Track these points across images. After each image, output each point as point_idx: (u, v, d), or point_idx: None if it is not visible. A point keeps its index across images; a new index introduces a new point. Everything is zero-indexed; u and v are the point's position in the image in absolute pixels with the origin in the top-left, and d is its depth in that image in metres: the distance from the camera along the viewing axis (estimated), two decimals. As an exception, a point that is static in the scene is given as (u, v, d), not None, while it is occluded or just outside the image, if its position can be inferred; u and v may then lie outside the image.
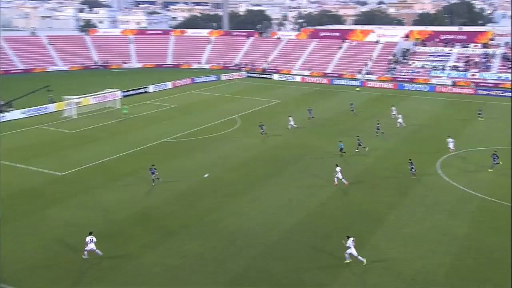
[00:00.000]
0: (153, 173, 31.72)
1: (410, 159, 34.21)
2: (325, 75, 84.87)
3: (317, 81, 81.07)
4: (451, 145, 38.86)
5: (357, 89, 74.00)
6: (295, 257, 22.94)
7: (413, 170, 33.37)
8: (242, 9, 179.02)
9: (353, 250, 22.20)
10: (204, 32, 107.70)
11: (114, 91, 59.75)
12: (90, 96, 57.89)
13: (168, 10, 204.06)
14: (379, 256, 23.11)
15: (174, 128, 47.29)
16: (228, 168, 35.72)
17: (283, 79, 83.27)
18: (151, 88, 69.71)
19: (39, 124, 48.89)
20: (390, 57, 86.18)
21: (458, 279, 21.39)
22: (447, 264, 22.47)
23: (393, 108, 52.42)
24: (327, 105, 60.88)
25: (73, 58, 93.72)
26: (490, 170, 34.63)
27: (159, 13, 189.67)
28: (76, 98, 54.07)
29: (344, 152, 38.01)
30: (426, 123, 50.43)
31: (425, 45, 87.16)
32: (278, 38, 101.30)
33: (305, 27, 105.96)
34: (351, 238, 22.45)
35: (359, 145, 39.35)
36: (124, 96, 63.09)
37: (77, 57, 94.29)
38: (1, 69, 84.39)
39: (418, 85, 74.68)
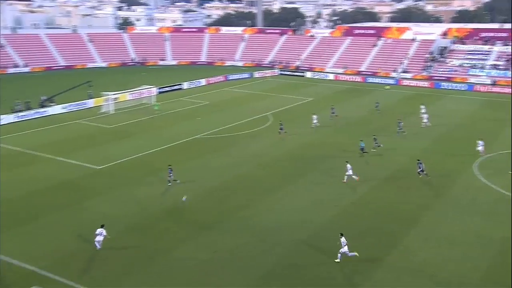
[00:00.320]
0: (170, 174, 31.24)
1: (418, 160, 33.24)
2: (358, 73, 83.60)
3: (351, 79, 79.97)
4: (480, 148, 37.40)
5: (387, 87, 72.68)
6: (326, 256, 22.76)
7: (421, 171, 32.30)
8: (276, 6, 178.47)
9: (345, 248, 21.98)
10: (238, 29, 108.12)
11: (150, 88, 60.88)
12: (127, 92, 59.20)
13: (203, 8, 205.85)
14: (411, 258, 22.64)
15: (207, 124, 47.73)
16: (259, 165, 35.77)
17: (316, 77, 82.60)
18: (185, 85, 70.61)
19: (78, 119, 50.42)
20: (427, 55, 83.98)
21: (493, 284, 20.68)
22: (483, 268, 21.77)
23: (422, 106, 51.13)
24: (359, 103, 59.96)
25: (111, 55, 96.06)
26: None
27: (194, 11, 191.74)
28: (113, 94, 55.41)
29: (365, 152, 37.36)
30: (462, 122, 48.91)
31: (463, 43, 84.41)
32: (312, 36, 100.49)
33: (339, 25, 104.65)
34: (343, 238, 22.23)
35: (376, 144, 38.58)
36: (160, 92, 64.14)
37: (115, 54, 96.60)
38: (44, 65, 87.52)
39: (455, 84, 72.48)
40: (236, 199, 29.43)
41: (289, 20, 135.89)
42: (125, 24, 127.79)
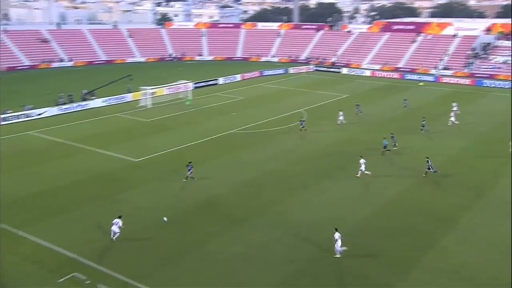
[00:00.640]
0: (189, 170, 31.18)
1: (427, 157, 32.24)
2: (396, 69, 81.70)
3: (388, 76, 78.26)
4: None
5: (421, 83, 70.87)
6: (359, 254, 22.44)
7: (430, 169, 31.45)
8: (312, 2, 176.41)
9: (338, 243, 21.87)
10: (274, 25, 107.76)
11: (186, 83, 61.66)
12: (164, 87, 60.22)
13: (240, 4, 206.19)
14: (448, 259, 22.00)
15: (241, 120, 47.92)
16: (293, 161, 35.63)
17: (352, 73, 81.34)
18: (221, 80, 71.09)
19: (117, 112, 51.73)
20: (469, 52, 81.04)
21: (536, 291, 19.80)
22: (524, 274, 20.87)
23: (454, 104, 49.53)
24: (394, 100, 58.60)
25: (149, 50, 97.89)
26: None
27: (231, 7, 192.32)
28: (151, 89, 56.48)
29: (388, 150, 36.56)
30: (505, 121, 46.90)
31: (508, 39, 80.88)
32: (349, 32, 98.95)
33: (377, 20, 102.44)
34: (338, 233, 22.14)
35: (394, 144, 37.50)
36: (196, 87, 64.87)
37: (153, 49, 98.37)
38: (86, 60, 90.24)
39: (498, 82, 69.64)
40: (268, 194, 29.43)
41: (326, 15, 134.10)
42: (164, 20, 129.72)
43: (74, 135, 42.69)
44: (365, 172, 31.63)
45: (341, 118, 45.83)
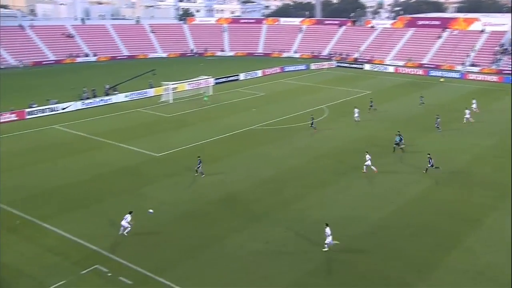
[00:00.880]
0: (198, 165, 31.41)
1: (428, 154, 31.88)
2: (421, 66, 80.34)
3: (412, 72, 77.03)
4: None
5: (441, 80, 69.86)
6: (380, 253, 22.26)
7: (431, 165, 31.29)
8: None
9: (329, 239, 22.02)
10: (296, 20, 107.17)
11: (207, 78, 61.97)
12: (185, 82, 60.67)
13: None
14: (472, 260, 21.63)
15: (262, 116, 47.94)
16: (313, 158, 35.49)
17: (375, 69, 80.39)
18: (242, 76, 71.21)
19: (139, 107, 52.40)
20: (497, 48, 79.05)
21: None
22: (551, 277, 20.35)
23: (473, 101, 48.76)
24: (416, 97, 57.68)
25: (171, 45, 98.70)
26: None
27: (253, 2, 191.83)
28: (173, 84, 56.98)
29: (401, 148, 35.93)
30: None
31: (538, 35, 78.66)
32: (372, 27, 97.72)
33: (401, 15, 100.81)
34: (328, 227, 22.31)
35: (399, 143, 36.55)
36: (216, 83, 65.19)
37: (175, 45, 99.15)
38: (109, 55, 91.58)
39: (527, 79, 67.77)
40: (288, 191, 29.43)
41: (349, 10, 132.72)
42: (186, 15, 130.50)
43: (97, 129, 43.46)
44: (372, 167, 31.67)
45: (356, 115, 45.42)
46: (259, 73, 74.26)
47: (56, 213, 26.30)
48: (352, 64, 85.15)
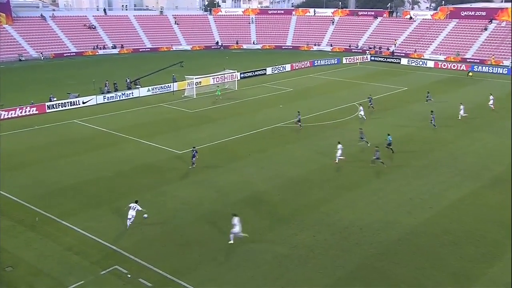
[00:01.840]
0: (194, 156, 32.70)
1: (377, 147, 32.88)
2: (464, 60, 78.52)
3: (453, 68, 75.37)
4: None
5: (470, 74, 68.97)
6: (415, 261, 21.91)
7: (376, 158, 32.22)
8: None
9: (236, 229, 22.69)
10: (328, 11, 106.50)
11: (233, 72, 62.24)
12: (209, 76, 61.11)
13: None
14: (516, 273, 21.02)
15: (289, 113, 47.78)
16: (343, 158, 35.18)
17: (412, 64, 79.07)
18: (269, 70, 71.20)
19: (162, 102, 53.10)
20: (548, 41, 76.52)
21: None
22: None
23: (491, 97, 48.37)
24: (462, 95, 56.38)
25: (196, 37, 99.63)
26: None
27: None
28: (196, 78, 57.48)
29: (391, 148, 35.47)
30: None
31: None
32: (410, 18, 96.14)
33: (443, 6, 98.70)
34: (237, 218, 22.85)
35: (361, 138, 37.09)
36: (242, 77, 65.41)
37: (199, 37, 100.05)
38: (132, 47, 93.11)
39: None
40: (317, 192, 29.29)
41: (385, 1, 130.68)
42: (211, 6, 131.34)
43: (118, 124, 44.28)
44: (341, 157, 33.16)
45: (361, 113, 44.91)
46: (288, 67, 74.11)
47: (76, 210, 26.94)
48: (388, 58, 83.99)
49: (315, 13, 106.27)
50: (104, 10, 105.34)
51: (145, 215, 25.19)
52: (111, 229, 24.80)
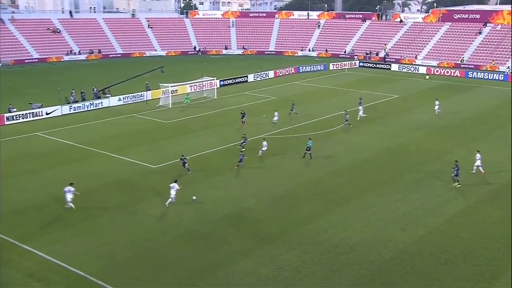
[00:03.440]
0: (184, 163, 34.56)
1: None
2: (458, 66, 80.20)
3: (447, 74, 76.92)
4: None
5: (427, 77, 72.07)
6: (410, 282, 22.09)
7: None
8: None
9: (69, 196, 26.98)
10: (313, 14, 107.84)
11: (212, 80, 62.40)
12: (186, 84, 61.12)
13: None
14: (517, 293, 21.36)
15: (274, 124, 48.05)
16: (333, 171, 35.48)
17: (403, 70, 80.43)
18: (250, 77, 71.60)
19: (134, 112, 52.86)
20: (545, 46, 78.76)
21: None
22: None
23: (437, 102, 50.95)
24: (458, 101, 57.56)
25: (171, 42, 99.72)
26: None
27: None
28: (172, 86, 57.43)
29: (309, 152, 37.18)
30: None
31: None
32: (401, 22, 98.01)
33: (435, 8, 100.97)
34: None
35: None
36: (222, 85, 65.62)
37: (175, 42, 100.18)
38: (101, 53, 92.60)
39: None
40: (305, 209, 29.40)
41: (374, 2, 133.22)
42: (187, 8, 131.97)
43: (86, 137, 43.88)
44: (260, 151, 36.68)
45: (346, 118, 46.49)
46: (271, 74, 74.64)
47: (38, 233, 26.50)
48: (378, 64, 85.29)
49: (299, 16, 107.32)
50: (70, 12, 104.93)
51: (194, 197, 29.02)
52: (78, 253, 24.44)
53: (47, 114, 50.89)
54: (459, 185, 32.04)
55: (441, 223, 27.62)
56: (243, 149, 37.92)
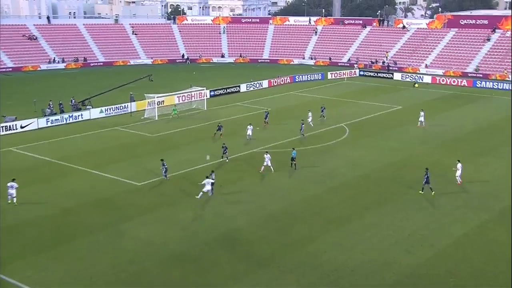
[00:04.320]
0: (165, 170, 36.31)
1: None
2: (465, 75, 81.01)
3: (454, 83, 77.71)
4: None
5: (416, 85, 74.07)
6: (415, 308, 22.10)
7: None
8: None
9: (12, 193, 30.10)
10: (310, 20, 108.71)
11: (201, 90, 62.60)
12: (174, 94, 61.27)
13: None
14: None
15: (267, 136, 48.18)
16: (331, 188, 35.55)
17: (407, 80, 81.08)
18: (243, 87, 71.91)
19: (117, 125, 52.84)
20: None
21: None
22: None
23: (422, 113, 51.23)
24: (465, 113, 58.04)
25: (157, 50, 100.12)
26: None
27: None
28: (158, 97, 57.55)
29: (294, 162, 38.61)
30: None
31: None
32: (404, 28, 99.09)
33: (440, 13, 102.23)
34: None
35: (224, 153, 40.71)
36: (212, 96, 65.84)
37: (162, 49, 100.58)
38: (81, 61, 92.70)
39: None
40: (301, 229, 29.40)
41: (375, 7, 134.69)
42: (175, 13, 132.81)
43: (64, 152, 43.75)
44: (271, 167, 37.41)
45: (309, 120, 49.97)
46: (265, 83, 75.02)
47: (12, 258, 26.20)
48: (379, 73, 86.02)
49: (295, 22, 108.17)
50: (48, 18, 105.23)
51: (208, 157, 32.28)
52: (54, 279, 24.23)
53: (21, 127, 50.73)
54: (433, 192, 33.58)
55: (448, 244, 27.68)
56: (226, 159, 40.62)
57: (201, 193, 32.70)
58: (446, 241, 28.04)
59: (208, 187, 32.41)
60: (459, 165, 35.58)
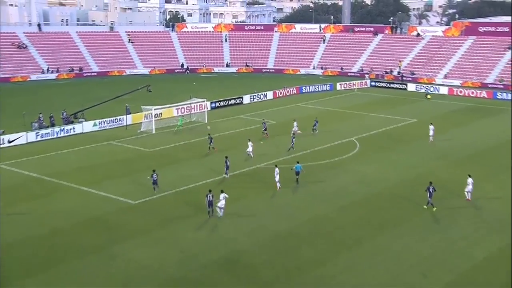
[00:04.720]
0: (154, 182, 37.18)
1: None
2: (484, 86, 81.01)
3: (472, 94, 77.70)
4: None
5: (428, 96, 74.46)
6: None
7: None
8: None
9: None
10: (318, 27, 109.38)
11: (201, 101, 62.78)
12: (172, 106, 61.46)
13: (273, 0, 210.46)
14: None
15: (272, 150, 48.20)
16: (341, 207, 35.47)
17: (421, 91, 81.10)
18: (246, 99, 72.10)
19: (112, 139, 52.98)
20: None
21: None
22: None
23: (431, 127, 50.52)
24: (485, 127, 57.95)
25: (155, 59, 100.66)
26: None
27: (261, 4, 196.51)
28: (156, 109, 57.72)
29: (297, 176, 39.27)
30: None
31: None
32: (418, 35, 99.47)
33: (457, 20, 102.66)
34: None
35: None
36: (213, 108, 66.03)
37: (160, 58, 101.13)
38: (74, 71, 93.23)
39: None
40: (309, 251, 29.29)
41: (387, 14, 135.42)
42: (174, 20, 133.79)
43: (55, 168, 43.86)
44: (277, 183, 37.97)
45: (295, 128, 51.25)
46: (269, 95, 75.24)
47: (-1, 280, 26.24)
48: (392, 83, 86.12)
49: (301, 29, 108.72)
50: (39, 25, 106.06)
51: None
52: (45, 304, 24.17)
53: (9, 142, 50.88)
54: (435, 208, 34.18)
55: (469, 269, 27.51)
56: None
57: (221, 209, 33.22)
58: (466, 265, 27.87)
59: (223, 202, 32.92)
60: (469, 180, 36.01)
